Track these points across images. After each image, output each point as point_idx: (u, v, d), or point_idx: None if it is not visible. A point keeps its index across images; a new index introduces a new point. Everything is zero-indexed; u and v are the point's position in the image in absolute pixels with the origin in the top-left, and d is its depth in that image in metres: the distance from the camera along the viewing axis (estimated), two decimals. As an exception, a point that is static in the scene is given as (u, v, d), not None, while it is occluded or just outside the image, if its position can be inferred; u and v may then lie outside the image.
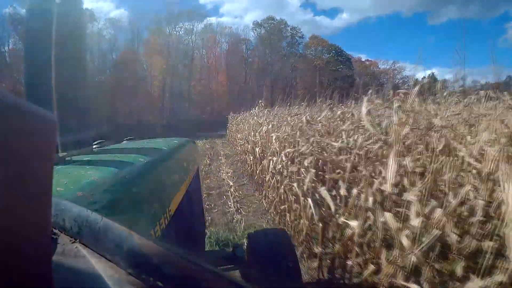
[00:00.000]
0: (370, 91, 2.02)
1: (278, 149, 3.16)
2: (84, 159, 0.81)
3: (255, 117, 5.92)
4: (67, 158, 0.77)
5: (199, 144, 12.37)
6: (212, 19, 35.20)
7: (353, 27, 51.77)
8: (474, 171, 1.49)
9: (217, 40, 35.06)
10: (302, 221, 2.28)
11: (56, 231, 0.35)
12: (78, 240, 0.34)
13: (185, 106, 30.39)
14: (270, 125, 4.09)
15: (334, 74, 35.03)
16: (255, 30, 36.87)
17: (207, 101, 32.49)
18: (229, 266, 1.57)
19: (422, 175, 1.52)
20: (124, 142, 1.42)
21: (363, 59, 38.19)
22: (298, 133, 2.85)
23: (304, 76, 34.80)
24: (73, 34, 0.86)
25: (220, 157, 8.75)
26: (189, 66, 31.09)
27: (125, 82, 26.18)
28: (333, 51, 36.45)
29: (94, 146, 1.05)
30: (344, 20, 53.54)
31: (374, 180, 1.57)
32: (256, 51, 35.70)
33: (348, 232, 1.64)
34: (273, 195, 3.35)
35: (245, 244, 1.68)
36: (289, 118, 3.81)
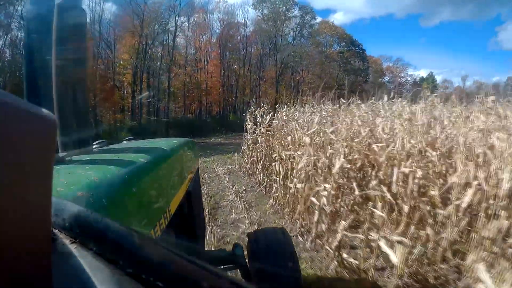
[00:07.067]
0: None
1: None
2: (84, 159, 0.81)
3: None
4: (67, 158, 0.77)
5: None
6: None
7: (346, 27, 52.19)
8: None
9: (207, 19, 25.77)
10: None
11: (56, 231, 0.35)
12: (78, 240, 0.34)
13: (164, 102, 22.57)
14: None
15: (346, 66, 29.64)
16: (256, 8, 28.32)
17: (193, 96, 24.40)
18: (229, 266, 1.57)
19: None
20: (124, 142, 1.43)
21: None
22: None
23: (313, 68, 28.67)
24: (73, 33, 0.86)
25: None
26: (169, 49, 22.39)
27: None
28: (346, 40, 31.05)
29: (94, 146, 1.05)
30: (338, 21, 53.83)
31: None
32: (257, 33, 27.34)
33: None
34: None
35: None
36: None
